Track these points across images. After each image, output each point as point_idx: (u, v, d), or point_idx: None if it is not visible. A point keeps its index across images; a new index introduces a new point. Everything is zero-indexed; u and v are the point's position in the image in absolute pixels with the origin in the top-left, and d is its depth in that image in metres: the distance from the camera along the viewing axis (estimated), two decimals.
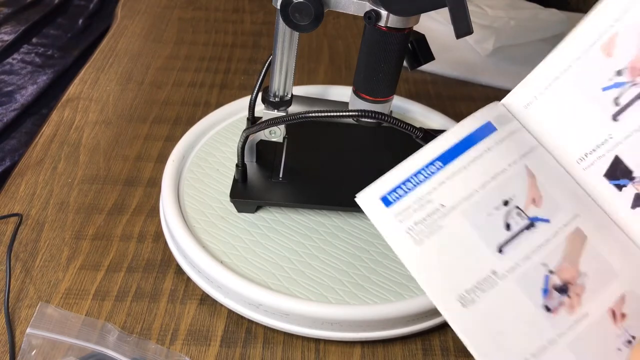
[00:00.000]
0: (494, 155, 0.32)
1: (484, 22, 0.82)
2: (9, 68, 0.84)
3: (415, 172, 0.32)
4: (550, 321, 0.29)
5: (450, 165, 0.32)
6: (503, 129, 0.34)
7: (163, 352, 0.40)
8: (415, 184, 0.32)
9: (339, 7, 0.38)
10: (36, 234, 0.48)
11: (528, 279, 0.30)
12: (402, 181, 0.32)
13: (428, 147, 0.32)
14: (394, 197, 0.31)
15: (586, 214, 0.32)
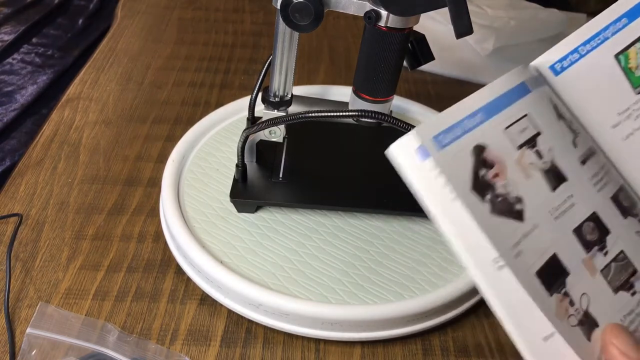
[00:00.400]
0: (533, 116, 0.31)
1: (484, 22, 0.82)
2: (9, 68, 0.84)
3: (459, 120, 0.29)
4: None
5: (492, 119, 0.30)
6: (537, 91, 0.32)
7: (163, 352, 0.40)
8: (461, 133, 0.29)
9: (339, 7, 0.38)
10: (36, 234, 0.48)
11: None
12: (448, 127, 0.28)
13: (469, 98, 0.30)
14: (445, 140, 0.28)
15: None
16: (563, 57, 0.33)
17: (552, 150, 0.31)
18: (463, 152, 0.28)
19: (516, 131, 0.30)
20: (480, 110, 0.29)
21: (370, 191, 0.49)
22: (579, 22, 0.90)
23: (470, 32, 0.33)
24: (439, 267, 0.45)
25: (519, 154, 0.29)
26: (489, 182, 0.28)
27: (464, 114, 0.29)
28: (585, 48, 0.33)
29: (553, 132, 0.31)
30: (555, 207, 0.30)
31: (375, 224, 0.48)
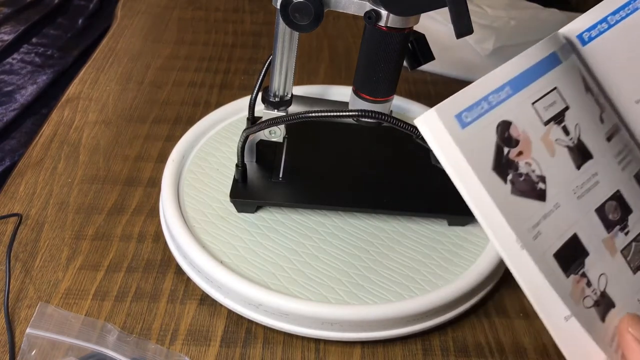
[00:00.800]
0: (562, 89, 0.30)
1: (484, 22, 0.82)
2: (8, 68, 0.84)
3: (485, 95, 0.27)
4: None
5: (520, 93, 0.28)
6: (567, 62, 0.31)
7: (163, 352, 0.40)
8: (486, 109, 0.27)
9: (339, 7, 0.38)
10: (36, 234, 0.48)
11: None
12: (473, 102, 0.27)
13: (497, 71, 0.28)
14: (468, 118, 0.26)
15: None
16: (591, 26, 0.32)
17: (579, 126, 0.30)
18: (487, 130, 0.27)
19: (544, 106, 0.29)
20: (508, 84, 0.28)
21: (371, 191, 0.49)
22: None
23: (471, 32, 0.33)
24: (439, 267, 0.45)
25: (545, 130, 0.28)
26: (512, 160, 0.27)
27: (490, 89, 0.27)
28: (614, 18, 0.32)
29: (581, 106, 0.30)
30: (579, 185, 0.29)
31: (375, 224, 0.48)
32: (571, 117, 0.29)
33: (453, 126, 0.26)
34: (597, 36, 0.32)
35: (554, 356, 0.42)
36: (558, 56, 0.30)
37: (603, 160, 0.30)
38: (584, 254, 0.28)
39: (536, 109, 0.28)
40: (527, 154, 0.28)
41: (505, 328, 0.44)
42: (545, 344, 0.43)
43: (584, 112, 0.30)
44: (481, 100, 0.27)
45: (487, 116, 0.27)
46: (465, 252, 0.46)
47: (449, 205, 0.48)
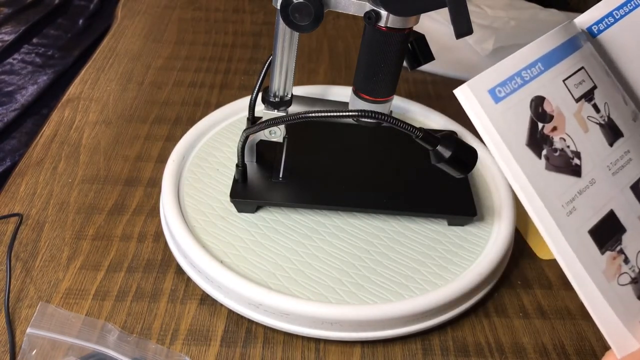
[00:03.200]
0: (589, 69, 0.30)
1: (484, 22, 0.82)
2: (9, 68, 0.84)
3: (518, 70, 0.28)
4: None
5: (551, 70, 0.28)
6: (586, 46, 0.31)
7: (163, 352, 0.40)
8: (520, 84, 0.27)
9: (339, 8, 0.38)
10: (36, 234, 0.48)
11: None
12: (507, 77, 0.27)
13: (528, 47, 0.28)
14: (502, 93, 0.27)
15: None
16: (599, 19, 0.32)
17: (608, 105, 0.30)
18: (521, 105, 0.27)
19: (574, 83, 0.29)
20: (540, 60, 0.28)
21: (371, 191, 0.49)
22: None
23: (470, 32, 0.33)
24: (439, 267, 0.45)
25: (577, 107, 0.28)
26: (546, 135, 0.27)
27: (523, 64, 0.27)
28: (619, 12, 0.32)
29: (606, 87, 0.30)
30: (613, 162, 0.29)
31: (375, 224, 0.48)
32: (600, 95, 0.30)
33: (486, 100, 0.26)
34: (605, 29, 0.32)
35: (553, 355, 0.42)
36: (579, 40, 0.31)
37: (633, 139, 0.30)
38: (621, 231, 0.28)
39: (567, 85, 0.29)
40: (561, 130, 0.28)
41: (505, 328, 0.44)
42: (545, 344, 0.43)
43: (610, 93, 0.30)
44: (514, 75, 0.27)
45: (520, 91, 0.27)
46: (465, 252, 0.46)
47: (449, 205, 0.48)
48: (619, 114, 0.30)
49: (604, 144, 0.29)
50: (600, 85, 0.30)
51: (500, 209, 0.49)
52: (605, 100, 0.30)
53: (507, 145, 0.26)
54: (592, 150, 0.28)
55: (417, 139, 0.39)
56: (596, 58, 0.31)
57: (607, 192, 0.28)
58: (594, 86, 0.30)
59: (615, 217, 0.28)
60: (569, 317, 0.45)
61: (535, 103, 0.27)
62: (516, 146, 0.26)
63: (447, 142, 0.39)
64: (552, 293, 0.47)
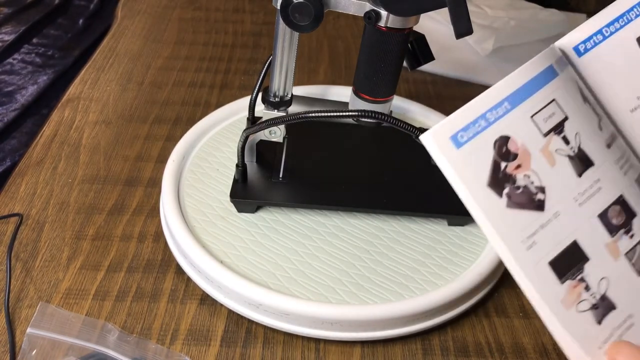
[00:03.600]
0: (560, 100, 0.31)
1: (484, 22, 0.82)
2: (9, 68, 0.84)
3: (482, 113, 0.28)
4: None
5: (518, 107, 0.29)
6: (563, 74, 0.32)
7: (163, 352, 0.40)
8: (484, 126, 0.28)
9: (339, 8, 0.38)
10: (36, 234, 0.48)
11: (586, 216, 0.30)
12: (470, 121, 0.28)
13: (496, 87, 0.29)
14: (464, 138, 0.27)
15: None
16: (587, 38, 0.32)
17: (579, 134, 0.30)
18: (484, 147, 0.28)
19: (543, 118, 0.29)
20: (506, 99, 0.29)
21: (370, 191, 0.49)
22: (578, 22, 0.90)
23: (470, 32, 0.33)
24: (439, 267, 0.45)
25: (545, 142, 0.29)
26: (509, 174, 0.28)
27: (488, 106, 0.28)
28: (609, 29, 0.32)
29: (580, 116, 0.31)
30: (581, 192, 0.29)
31: (375, 224, 0.48)
32: (570, 126, 0.30)
33: (448, 147, 0.27)
34: (593, 47, 0.33)
35: (553, 355, 0.42)
36: (554, 69, 0.31)
37: (604, 166, 0.30)
38: (584, 260, 0.29)
39: (535, 121, 0.29)
40: (526, 167, 0.28)
41: (505, 328, 0.44)
42: (545, 344, 0.43)
43: (583, 121, 0.31)
44: (478, 118, 0.28)
45: (483, 133, 0.28)
46: (465, 252, 0.46)
47: (449, 205, 0.48)
48: (591, 143, 0.30)
49: (572, 176, 0.30)
50: (573, 115, 0.30)
51: None
52: (576, 131, 0.30)
53: (467, 187, 0.27)
54: (558, 183, 0.29)
55: (417, 139, 0.39)
56: (574, 83, 0.32)
57: (572, 224, 0.29)
58: (565, 117, 0.30)
59: (579, 247, 0.29)
60: None
61: (499, 143, 0.28)
62: (476, 188, 0.27)
63: None
64: None
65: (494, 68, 0.77)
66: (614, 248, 0.30)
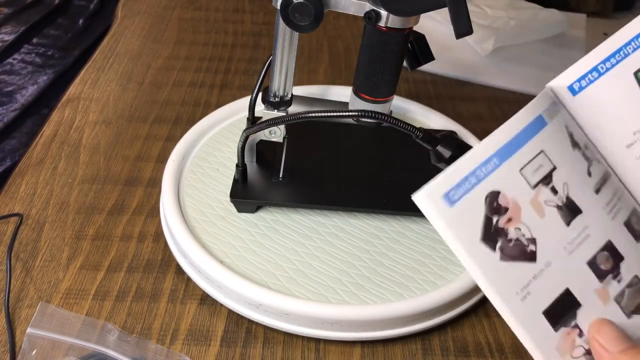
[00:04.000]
0: (549, 151, 0.31)
1: (484, 22, 0.82)
2: (9, 68, 0.84)
3: (472, 170, 0.29)
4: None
5: (507, 162, 0.29)
6: (553, 122, 0.32)
7: (163, 352, 0.40)
8: (474, 183, 0.28)
9: (339, 8, 0.38)
10: (36, 234, 0.48)
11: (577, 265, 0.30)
12: (461, 179, 0.28)
13: (484, 143, 0.29)
14: (456, 196, 0.28)
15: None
16: (582, 76, 0.32)
17: (567, 183, 0.30)
18: (475, 203, 0.28)
19: (531, 170, 0.30)
20: (495, 155, 0.29)
21: (370, 191, 0.49)
22: (578, 22, 0.90)
23: (470, 32, 0.33)
24: (439, 267, 0.45)
25: (534, 194, 0.29)
26: (501, 228, 0.28)
27: (477, 163, 0.28)
28: (605, 66, 0.32)
29: (568, 164, 0.31)
30: (570, 241, 0.30)
31: (375, 224, 0.48)
32: (559, 176, 0.30)
33: (441, 206, 0.27)
34: (588, 85, 0.33)
35: None
36: (543, 118, 0.31)
37: (593, 213, 0.31)
38: (576, 306, 0.29)
39: (524, 174, 0.29)
40: (517, 220, 0.29)
41: (505, 328, 0.44)
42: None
43: (572, 169, 0.31)
44: (469, 175, 0.28)
45: (475, 190, 0.28)
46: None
47: None
48: (579, 190, 0.31)
49: (561, 225, 0.30)
50: (561, 164, 0.31)
51: None
52: (564, 180, 0.30)
53: (462, 244, 0.27)
54: (548, 234, 0.29)
55: (417, 139, 0.39)
56: (564, 130, 0.32)
57: (563, 272, 0.29)
58: (553, 168, 0.30)
59: (571, 295, 0.29)
60: None
61: (490, 199, 0.28)
62: (470, 244, 0.28)
63: (447, 142, 0.39)
64: None
65: (494, 68, 0.77)
66: (603, 293, 0.30)
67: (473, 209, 0.28)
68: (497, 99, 0.72)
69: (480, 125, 0.66)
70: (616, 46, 0.32)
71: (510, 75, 0.75)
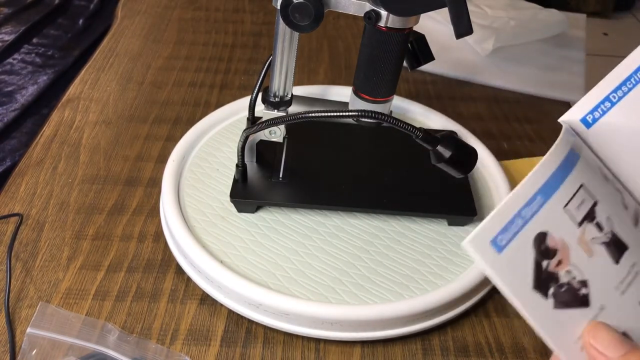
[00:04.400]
0: (587, 185, 0.29)
1: (484, 22, 0.82)
2: (9, 68, 0.84)
3: (518, 210, 0.27)
4: None
5: (550, 200, 0.28)
6: (582, 154, 0.30)
7: (163, 352, 0.40)
8: (521, 225, 0.27)
9: (339, 8, 0.38)
10: (36, 234, 0.48)
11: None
12: (507, 222, 0.26)
13: (526, 181, 0.27)
14: (503, 240, 0.26)
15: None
16: (594, 107, 0.31)
17: (610, 218, 0.29)
18: (524, 248, 0.26)
19: (575, 206, 0.28)
20: (539, 193, 0.27)
21: (371, 191, 0.49)
22: (578, 22, 0.90)
23: (470, 33, 0.33)
24: (439, 267, 0.45)
25: (580, 231, 0.28)
26: (552, 273, 0.27)
27: (522, 202, 0.27)
28: (616, 95, 0.31)
29: (606, 197, 0.29)
30: (621, 280, 0.28)
31: (375, 224, 0.48)
32: (601, 210, 0.29)
33: (490, 253, 0.26)
34: (602, 116, 0.31)
35: None
36: (574, 151, 0.29)
37: (637, 247, 0.29)
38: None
39: (569, 211, 0.28)
40: (566, 262, 0.27)
41: (505, 328, 0.44)
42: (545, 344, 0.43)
43: (611, 202, 0.29)
44: (514, 217, 0.26)
45: (522, 233, 0.26)
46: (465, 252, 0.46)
47: (449, 205, 0.48)
48: (620, 224, 0.29)
49: (610, 264, 0.28)
50: (602, 197, 0.29)
51: None
52: (607, 214, 0.29)
53: (515, 294, 0.26)
54: (598, 274, 0.28)
55: (417, 139, 0.39)
56: (594, 162, 0.30)
57: (618, 315, 0.28)
58: (595, 202, 0.29)
59: (628, 337, 0.28)
60: None
61: (538, 242, 0.27)
62: (523, 292, 0.26)
63: (447, 142, 0.39)
64: None
65: (494, 68, 0.77)
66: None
67: (522, 253, 0.26)
68: (497, 99, 0.72)
69: (480, 125, 0.66)
70: (626, 73, 0.31)
71: (510, 75, 0.75)
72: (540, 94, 0.73)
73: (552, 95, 0.73)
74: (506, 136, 0.65)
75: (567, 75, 0.77)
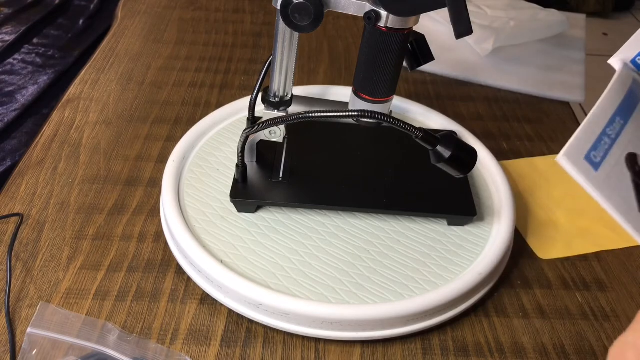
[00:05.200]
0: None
1: (483, 22, 0.82)
2: (9, 68, 0.84)
3: (603, 128, 0.26)
4: None
5: (631, 121, 0.27)
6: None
7: (163, 352, 0.40)
8: (609, 144, 0.26)
9: (339, 8, 0.38)
10: (37, 233, 0.48)
11: None
12: (596, 140, 0.26)
13: (599, 105, 0.27)
14: (597, 157, 0.26)
15: None
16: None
17: None
18: (619, 168, 0.26)
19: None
20: (617, 114, 0.27)
21: (371, 191, 0.49)
22: (578, 22, 0.90)
23: (470, 33, 0.33)
24: (439, 267, 0.45)
25: None
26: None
27: (604, 122, 0.27)
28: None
29: None
30: None
31: (375, 224, 0.48)
32: None
33: (587, 170, 0.25)
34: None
35: (553, 355, 0.42)
36: (638, 80, 0.29)
37: None
38: None
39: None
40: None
41: (504, 328, 0.44)
42: (545, 344, 0.43)
43: None
44: (601, 135, 0.26)
45: (613, 151, 0.26)
46: (465, 252, 0.46)
47: (449, 205, 0.48)
48: None
49: None
50: None
51: (500, 209, 0.49)
52: None
53: (622, 216, 0.25)
54: None
55: (417, 139, 0.39)
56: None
57: None
58: None
59: None
60: (569, 317, 0.45)
61: (630, 162, 0.27)
62: (631, 216, 0.26)
63: (446, 142, 0.39)
64: (552, 293, 0.47)
65: (494, 68, 0.77)
66: None
67: (618, 174, 0.26)
68: (497, 99, 0.72)
69: (480, 125, 0.66)
70: None
71: (510, 75, 0.75)
72: (540, 94, 0.73)
73: (552, 95, 0.73)
74: (506, 136, 0.65)
75: (567, 75, 0.77)
